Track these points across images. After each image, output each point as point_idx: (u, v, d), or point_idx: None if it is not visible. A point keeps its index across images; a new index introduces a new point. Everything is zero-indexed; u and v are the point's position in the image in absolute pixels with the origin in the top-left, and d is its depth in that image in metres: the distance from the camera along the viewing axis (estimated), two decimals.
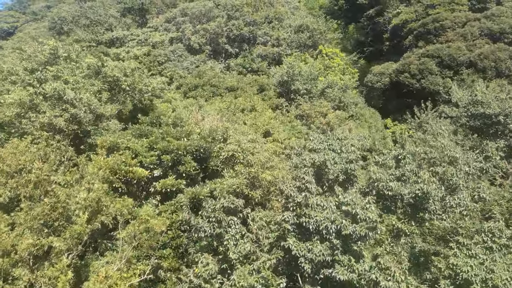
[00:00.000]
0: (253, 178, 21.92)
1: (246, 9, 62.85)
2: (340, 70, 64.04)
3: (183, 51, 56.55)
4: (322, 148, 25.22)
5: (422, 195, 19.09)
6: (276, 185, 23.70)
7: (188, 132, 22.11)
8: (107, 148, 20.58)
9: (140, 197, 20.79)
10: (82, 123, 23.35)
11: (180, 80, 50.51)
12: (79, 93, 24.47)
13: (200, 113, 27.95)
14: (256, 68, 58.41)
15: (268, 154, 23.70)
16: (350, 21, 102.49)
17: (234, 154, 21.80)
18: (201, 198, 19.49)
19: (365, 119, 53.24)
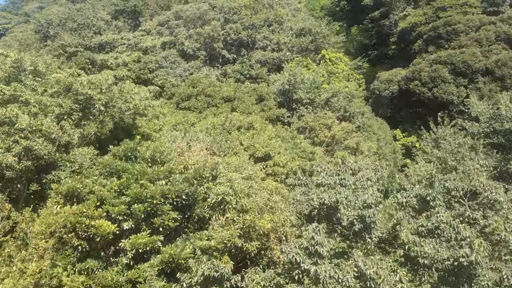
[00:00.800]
0: (248, 227, 17.53)
1: (244, 12, 58.41)
2: (344, 76, 59.63)
3: (176, 57, 52.09)
4: (332, 182, 20.87)
5: (468, 263, 14.65)
6: (277, 231, 19.32)
7: (169, 170, 17.69)
8: (64, 195, 16.20)
9: (107, 255, 16.38)
10: (40, 156, 19.02)
11: (172, 89, 46.06)
12: (41, 117, 20.10)
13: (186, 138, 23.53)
14: (255, 75, 54.00)
15: (268, 194, 19.30)
16: (352, 22, 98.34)
17: (225, 198, 17.40)
18: (181, 263, 15.14)
19: (373, 131, 48.82)
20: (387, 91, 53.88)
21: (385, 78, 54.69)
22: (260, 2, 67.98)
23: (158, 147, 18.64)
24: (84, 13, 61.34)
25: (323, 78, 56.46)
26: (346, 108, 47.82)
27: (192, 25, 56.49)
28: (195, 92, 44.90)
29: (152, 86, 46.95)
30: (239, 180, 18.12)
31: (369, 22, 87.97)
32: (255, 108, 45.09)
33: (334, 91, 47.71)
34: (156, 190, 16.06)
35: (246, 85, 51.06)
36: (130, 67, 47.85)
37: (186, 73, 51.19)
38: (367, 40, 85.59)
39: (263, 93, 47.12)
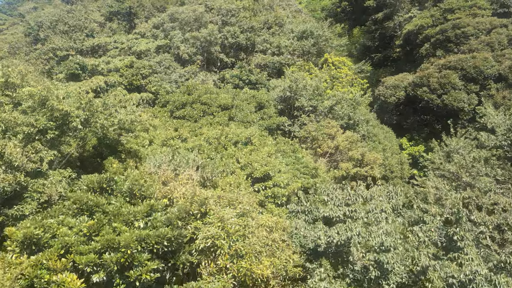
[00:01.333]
0: (244, 276, 14.67)
1: (242, 14, 55.51)
2: (348, 81, 56.75)
3: (171, 62, 49.16)
4: (341, 214, 18.03)
5: None
6: (278, 277, 16.47)
7: (150, 207, 14.82)
8: (21, 241, 13.34)
9: None
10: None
11: (166, 96, 43.16)
12: (2, 142, 17.20)
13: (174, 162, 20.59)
14: (254, 80, 51.10)
15: (266, 233, 16.41)
16: (354, 24, 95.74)
17: (216, 242, 14.53)
18: None
19: (378, 140, 45.92)
20: (393, 97, 50.96)
21: (391, 83, 51.76)
22: (259, 3, 65.11)
23: (138, 178, 15.74)
24: (75, 15, 58.43)
25: (326, 83, 53.65)
26: (350, 115, 44.93)
27: (188, 28, 53.58)
28: (190, 100, 42.04)
29: (145, 93, 44.08)
30: (233, 219, 15.21)
31: (372, 23, 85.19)
32: (254, 116, 42.28)
33: (338, 98, 44.79)
34: (131, 236, 13.17)
35: (245, 91, 48.23)
36: (122, 73, 44.96)
37: (181, 79, 48.29)
38: (370, 42, 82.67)
39: (263, 100, 44.25)
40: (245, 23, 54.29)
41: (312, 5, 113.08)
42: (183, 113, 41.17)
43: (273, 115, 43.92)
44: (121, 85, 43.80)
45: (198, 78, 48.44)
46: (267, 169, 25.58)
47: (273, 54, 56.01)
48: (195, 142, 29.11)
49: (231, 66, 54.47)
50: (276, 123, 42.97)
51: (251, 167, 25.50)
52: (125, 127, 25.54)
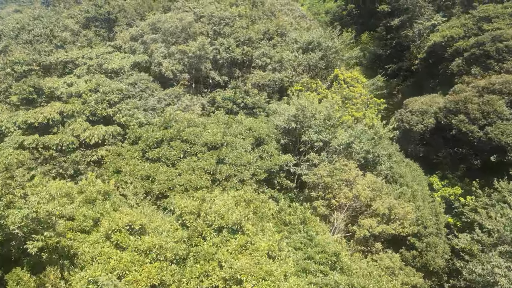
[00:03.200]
0: None
1: (238, 23, 45.39)
2: (363, 102, 46.72)
3: (149, 82, 39.12)
4: None
5: None
6: None
7: None
8: None
9: None
10: None
11: (138, 130, 33.11)
12: None
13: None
14: (251, 103, 41.10)
15: None
16: (362, 28, 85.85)
17: None
18: None
19: (406, 183, 35.87)
20: (421, 125, 40.89)
21: (418, 108, 41.66)
22: (259, 9, 54.94)
23: None
24: (43, 21, 48.38)
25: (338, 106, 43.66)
26: (370, 150, 34.97)
27: (173, 40, 43.53)
28: (168, 136, 32.08)
29: (112, 126, 34.10)
30: None
31: (384, 29, 75.44)
32: (250, 157, 32.34)
33: (356, 132, 34.75)
34: None
35: (239, 119, 38.24)
36: (85, 99, 34.94)
37: (161, 104, 38.29)
38: (381, 50, 72.68)
39: (262, 134, 34.26)
40: (241, 34, 44.21)
41: (316, 8, 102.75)
42: (158, 154, 31.22)
43: (275, 153, 34.02)
44: (82, 116, 33.78)
45: (182, 103, 38.40)
46: (265, 285, 15.59)
47: (274, 70, 45.97)
48: (158, 230, 18.93)
49: (224, 85, 44.42)
50: (278, 164, 33.06)
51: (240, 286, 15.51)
52: (41, 221, 15.46)
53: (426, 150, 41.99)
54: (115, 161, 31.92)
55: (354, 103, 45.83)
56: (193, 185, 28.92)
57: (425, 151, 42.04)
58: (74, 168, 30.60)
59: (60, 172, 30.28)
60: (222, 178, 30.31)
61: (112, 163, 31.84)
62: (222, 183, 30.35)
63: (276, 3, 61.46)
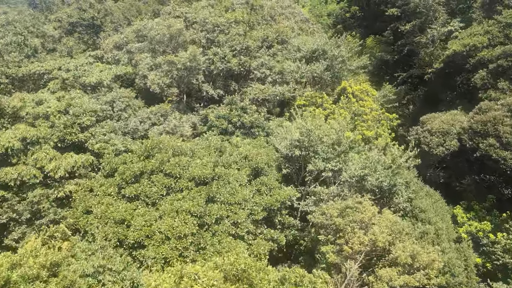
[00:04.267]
0: None
1: (235, 30, 39.83)
2: (374, 118, 41.24)
3: (130, 100, 33.61)
4: None
5: None
6: None
7: None
8: None
9: None
10: None
11: (114, 160, 27.61)
12: None
13: None
14: (248, 122, 35.59)
15: None
16: (367, 32, 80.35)
17: None
18: None
19: (428, 219, 30.35)
20: (442, 147, 35.34)
21: (438, 127, 36.08)
22: (258, 14, 49.37)
23: None
24: (15, 26, 42.85)
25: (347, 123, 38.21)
26: (388, 181, 29.48)
27: (161, 49, 38.01)
28: (149, 168, 26.59)
29: (84, 155, 28.59)
30: None
31: (391, 33, 69.88)
32: (246, 192, 26.88)
33: (371, 163, 29.18)
34: None
35: (234, 142, 32.83)
36: (53, 121, 29.43)
37: (144, 125, 32.76)
38: (388, 56, 67.02)
39: (260, 163, 28.76)
40: (237, 43, 38.67)
41: (318, 10, 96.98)
42: (137, 191, 25.75)
43: (275, 186, 28.57)
44: (49, 142, 28.26)
45: (169, 123, 32.87)
46: None
47: (274, 83, 40.49)
48: None
49: (219, 100, 38.91)
50: (280, 201, 27.60)
51: None
52: None
53: (448, 176, 36.50)
54: (85, 199, 26.44)
55: (365, 120, 40.35)
56: (176, 233, 23.49)
57: (446, 176, 36.54)
58: (32, 211, 25.09)
59: (14, 218, 24.78)
60: (212, 221, 24.86)
61: (82, 201, 26.36)
62: (212, 227, 24.90)
63: (277, 7, 55.94)
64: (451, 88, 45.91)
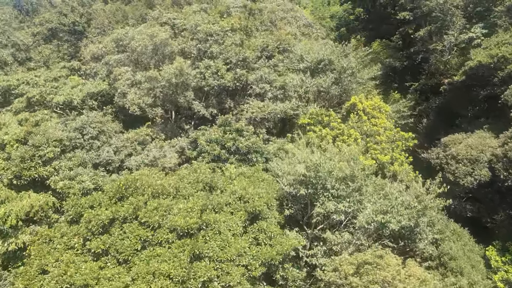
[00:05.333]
0: None
1: (230, 39, 34.53)
2: (389, 139, 35.92)
3: (104, 124, 28.29)
4: None
5: None
6: None
7: None
8: None
9: None
10: None
11: (79, 202, 22.34)
12: None
13: None
14: (245, 148, 30.32)
15: None
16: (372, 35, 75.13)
17: None
18: None
19: (459, 269, 25.08)
20: (470, 177, 30.05)
21: (465, 153, 30.80)
22: (256, 19, 44.04)
23: None
24: None
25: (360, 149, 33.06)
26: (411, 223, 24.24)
27: (145, 61, 32.73)
28: (121, 214, 21.35)
29: (44, 195, 23.31)
30: None
31: (400, 38, 64.88)
32: (241, 243, 21.66)
33: (393, 203, 23.91)
34: None
35: (228, 174, 27.56)
36: (10, 152, 24.15)
37: (120, 155, 27.47)
38: (397, 62, 61.78)
39: (258, 207, 23.49)
40: (233, 54, 33.36)
41: (320, 12, 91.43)
42: (105, 245, 20.52)
43: (276, 232, 23.29)
44: (1, 179, 22.99)
45: (149, 152, 27.55)
46: None
47: (275, 99, 35.17)
48: None
49: (212, 120, 33.59)
50: (282, 253, 22.36)
51: None
52: None
53: (476, 210, 31.19)
54: (41, 254, 21.17)
55: (378, 142, 35.04)
56: None
57: (474, 210, 31.23)
58: None
59: None
60: (198, 286, 19.61)
61: (37, 258, 21.09)
62: None
63: (278, 10, 50.60)
64: (473, 103, 40.67)
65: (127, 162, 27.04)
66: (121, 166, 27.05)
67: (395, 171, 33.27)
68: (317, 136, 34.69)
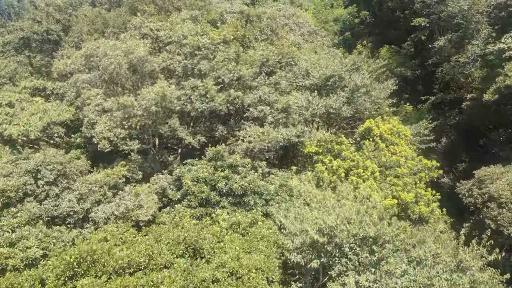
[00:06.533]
0: None
1: (223, 53, 28.56)
2: (411, 170, 29.98)
3: (64, 166, 22.25)
4: None
5: None
6: None
7: None
8: None
9: None
10: None
11: (15, 282, 16.42)
12: None
13: None
14: (239, 189, 24.30)
15: None
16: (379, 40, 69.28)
17: None
18: None
19: None
20: None
21: (509, 195, 24.85)
22: (255, 27, 38.18)
23: None
24: None
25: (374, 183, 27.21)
26: None
27: (120, 82, 26.77)
28: None
29: None
30: None
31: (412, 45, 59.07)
32: None
33: (432, 274, 18.01)
34: None
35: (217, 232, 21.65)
36: None
37: (86, 204, 21.50)
38: (409, 72, 55.90)
39: (255, 286, 17.53)
40: (226, 72, 27.39)
41: (323, 15, 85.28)
42: None
43: None
44: None
45: (121, 201, 21.60)
46: None
47: (276, 124, 29.19)
48: None
49: (201, 149, 27.62)
50: None
51: None
52: None
53: None
54: None
55: (399, 175, 29.10)
56: None
57: None
58: None
59: None
60: None
61: None
62: None
63: (278, 16, 44.74)
64: (505, 125, 34.73)
65: (93, 212, 21.12)
66: (86, 217, 21.15)
67: (421, 213, 27.44)
68: (327, 169, 28.85)
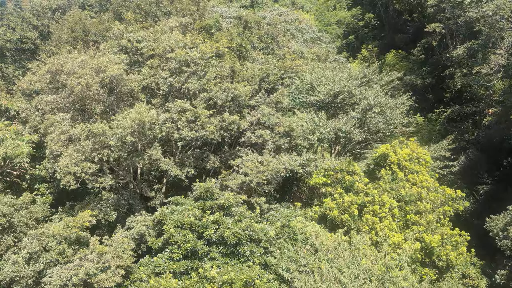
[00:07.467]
0: None
1: (215, 69, 23.99)
2: (434, 204, 25.39)
3: (12, 215, 17.70)
4: None
5: None
6: None
7: None
8: None
9: None
10: None
11: None
12: None
13: None
14: (232, 238, 19.70)
15: None
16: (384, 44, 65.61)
17: None
18: None
19: None
20: None
21: None
22: (253, 34, 33.55)
23: None
24: None
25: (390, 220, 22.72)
26: None
27: (90, 105, 22.22)
28: None
29: None
30: None
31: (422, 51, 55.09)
32: None
33: None
34: None
35: None
36: None
37: (36, 266, 16.93)
38: (419, 80, 51.50)
39: None
40: (218, 94, 22.82)
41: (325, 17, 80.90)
42: None
43: None
44: None
45: (83, 263, 17.01)
46: None
47: (278, 150, 24.67)
48: None
49: (189, 182, 23.07)
50: None
51: None
52: None
53: None
54: None
55: (421, 211, 24.53)
56: None
57: None
58: None
59: None
60: None
61: None
62: None
63: (279, 22, 40.13)
64: None
65: (48, 276, 16.60)
66: (37, 282, 16.62)
67: (449, 259, 22.90)
68: (337, 203, 24.34)
